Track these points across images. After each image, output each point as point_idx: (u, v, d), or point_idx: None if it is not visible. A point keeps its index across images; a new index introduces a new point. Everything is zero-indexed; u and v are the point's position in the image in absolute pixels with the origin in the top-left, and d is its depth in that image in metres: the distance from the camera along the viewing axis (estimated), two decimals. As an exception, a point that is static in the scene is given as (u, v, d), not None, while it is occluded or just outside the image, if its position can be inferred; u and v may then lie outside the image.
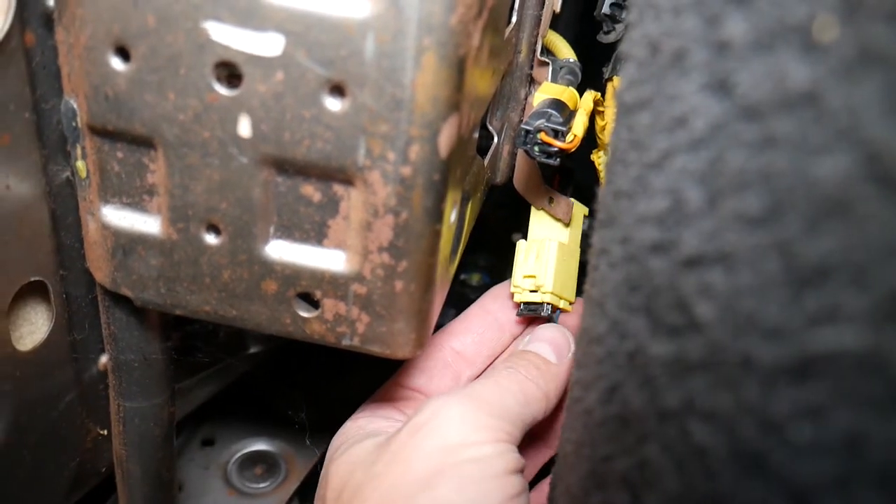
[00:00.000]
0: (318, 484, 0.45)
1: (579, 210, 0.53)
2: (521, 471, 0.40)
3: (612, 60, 0.49)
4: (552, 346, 0.47)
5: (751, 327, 0.20)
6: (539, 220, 0.53)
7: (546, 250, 0.50)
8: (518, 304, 0.51)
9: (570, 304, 0.51)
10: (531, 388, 0.43)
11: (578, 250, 0.53)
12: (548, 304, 0.50)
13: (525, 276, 0.50)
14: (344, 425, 0.46)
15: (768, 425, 0.20)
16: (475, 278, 0.84)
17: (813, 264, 0.19)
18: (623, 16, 0.49)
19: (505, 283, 0.53)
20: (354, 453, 0.42)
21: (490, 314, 0.51)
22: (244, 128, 0.33)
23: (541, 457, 0.52)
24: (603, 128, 0.50)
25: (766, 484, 0.20)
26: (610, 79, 0.48)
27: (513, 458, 0.40)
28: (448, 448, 0.38)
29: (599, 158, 0.51)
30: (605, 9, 0.49)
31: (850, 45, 0.18)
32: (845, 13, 0.18)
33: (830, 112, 0.18)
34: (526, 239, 0.52)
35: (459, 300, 0.81)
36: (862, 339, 0.18)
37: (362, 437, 0.43)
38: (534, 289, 0.50)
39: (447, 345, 0.50)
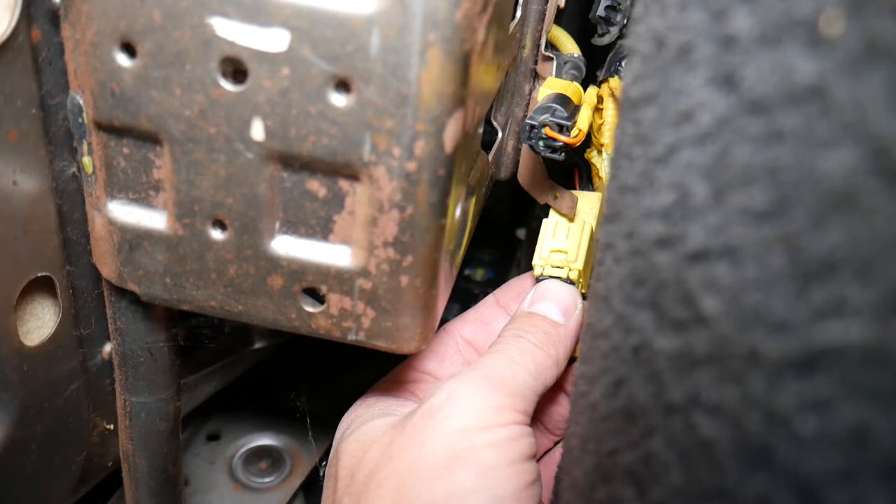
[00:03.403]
0: (328, 462, 0.45)
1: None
2: (535, 455, 0.40)
3: (606, 62, 0.49)
4: (559, 306, 0.46)
5: (757, 321, 0.20)
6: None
7: (580, 230, 0.50)
8: (536, 278, 0.50)
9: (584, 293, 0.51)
10: (541, 357, 0.43)
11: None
12: (571, 281, 0.49)
13: (553, 251, 0.49)
14: (353, 406, 0.46)
15: (774, 418, 0.20)
16: (479, 273, 0.84)
17: (819, 258, 0.19)
18: (617, 18, 0.49)
19: (520, 276, 0.53)
20: (366, 431, 0.42)
21: (502, 307, 0.51)
22: (257, 131, 0.33)
23: (544, 440, 0.52)
24: (599, 127, 0.50)
25: (771, 477, 0.20)
26: (605, 80, 0.48)
27: (528, 442, 0.39)
28: (464, 432, 0.38)
29: (594, 157, 0.51)
30: (600, 11, 0.49)
31: (857, 39, 0.18)
32: (852, 7, 0.18)
33: (837, 106, 0.18)
34: (535, 244, 0.51)
35: (464, 295, 0.82)
36: (868, 333, 0.18)
37: (373, 415, 0.43)
38: (560, 265, 0.49)
39: (458, 332, 0.50)
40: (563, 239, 0.49)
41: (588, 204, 0.52)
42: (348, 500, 0.40)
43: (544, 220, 0.51)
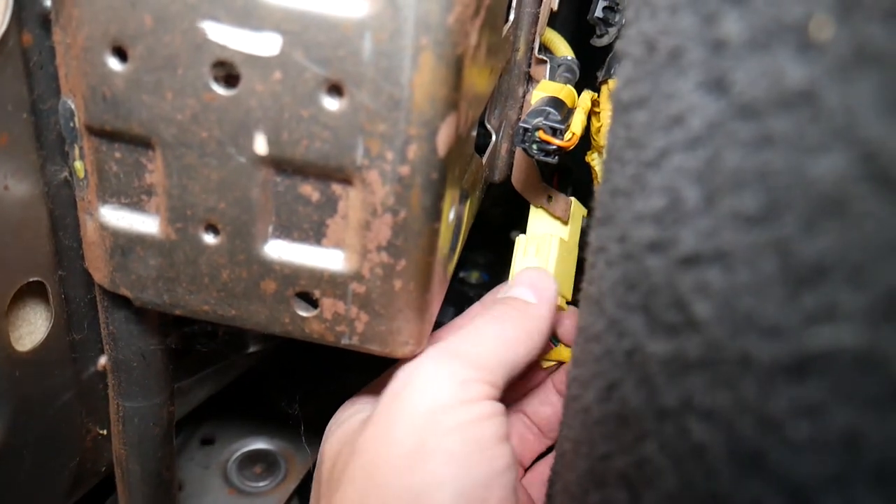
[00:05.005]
0: (316, 467, 0.45)
1: (579, 210, 0.53)
2: (507, 435, 0.38)
3: (605, 63, 0.49)
4: (531, 288, 0.45)
5: (749, 326, 0.20)
6: (538, 218, 0.53)
7: (548, 245, 0.50)
8: None
9: (567, 301, 0.51)
10: (509, 329, 0.41)
11: (576, 249, 0.53)
12: None
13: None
14: (338, 411, 0.46)
15: (766, 423, 0.20)
16: (474, 276, 0.84)
17: (810, 263, 0.19)
18: (616, 19, 0.49)
19: (506, 283, 0.53)
20: (343, 430, 0.41)
21: None
22: (260, 145, 0.33)
23: (538, 445, 0.52)
24: (598, 129, 0.50)
25: (764, 482, 0.20)
26: (604, 81, 0.48)
27: (499, 422, 0.38)
28: (429, 413, 0.36)
29: (594, 160, 0.51)
30: (598, 12, 0.49)
31: (847, 44, 0.18)
32: (841, 12, 0.18)
33: (827, 111, 0.18)
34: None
35: (458, 298, 0.82)
36: (859, 338, 0.18)
37: (349, 414, 0.43)
38: None
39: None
40: (533, 256, 0.50)
41: None
42: (325, 500, 0.40)
43: (517, 237, 0.52)
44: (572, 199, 0.53)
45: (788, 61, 0.19)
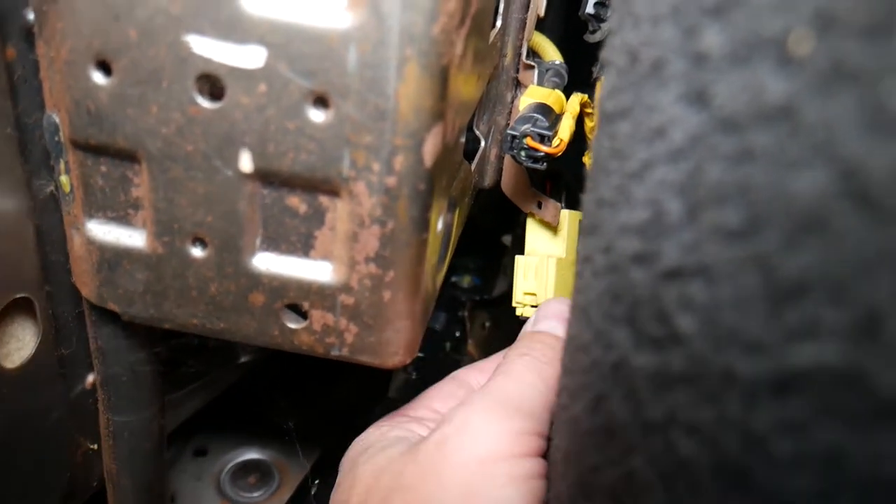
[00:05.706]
0: (337, 487, 0.44)
1: (574, 218, 0.53)
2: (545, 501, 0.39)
3: (600, 59, 0.49)
4: (561, 321, 0.46)
5: (731, 341, 0.20)
6: (534, 231, 0.53)
7: (545, 267, 0.51)
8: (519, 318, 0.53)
9: None
10: (549, 372, 0.42)
11: (576, 259, 0.53)
12: None
13: (526, 293, 0.52)
14: (366, 431, 0.45)
15: (751, 439, 0.20)
16: (466, 280, 0.84)
17: (792, 279, 0.19)
18: (607, 14, 0.49)
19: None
20: (381, 459, 0.41)
21: None
22: (245, 163, 0.33)
23: None
24: (592, 128, 0.50)
25: (750, 498, 0.20)
26: (598, 78, 0.48)
27: (542, 484, 0.38)
28: (480, 463, 0.37)
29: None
30: (590, 8, 0.49)
31: (825, 59, 0.18)
32: (820, 28, 0.18)
33: (806, 126, 0.18)
34: (520, 250, 0.53)
35: (450, 303, 0.82)
36: (841, 355, 0.18)
37: (388, 443, 0.42)
38: (535, 304, 0.52)
39: (471, 381, 0.49)
40: (532, 280, 0.52)
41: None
42: None
43: (517, 259, 0.53)
44: (570, 211, 0.53)
45: (768, 75, 0.19)
